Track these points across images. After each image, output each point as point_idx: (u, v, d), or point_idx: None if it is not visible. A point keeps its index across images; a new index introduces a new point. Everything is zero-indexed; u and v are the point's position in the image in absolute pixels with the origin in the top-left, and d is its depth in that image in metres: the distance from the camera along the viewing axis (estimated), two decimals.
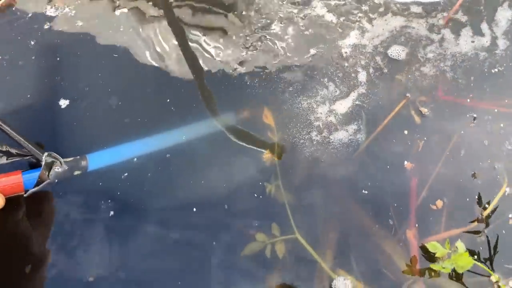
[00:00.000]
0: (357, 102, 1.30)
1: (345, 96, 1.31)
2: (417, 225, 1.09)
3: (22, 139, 1.07)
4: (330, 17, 1.46)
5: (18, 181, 1.05)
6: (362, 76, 1.33)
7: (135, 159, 1.18)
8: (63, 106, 1.29)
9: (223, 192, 1.14)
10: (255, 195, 1.14)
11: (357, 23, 1.43)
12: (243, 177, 1.16)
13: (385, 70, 1.34)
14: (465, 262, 0.98)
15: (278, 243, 1.08)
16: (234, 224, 1.11)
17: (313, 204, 1.13)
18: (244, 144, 1.22)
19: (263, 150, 1.21)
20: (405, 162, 1.18)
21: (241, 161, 1.19)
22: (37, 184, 1.06)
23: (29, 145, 1.07)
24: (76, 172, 1.09)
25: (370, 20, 1.44)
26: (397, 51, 1.36)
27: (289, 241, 1.08)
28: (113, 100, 1.30)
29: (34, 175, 1.07)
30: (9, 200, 1.03)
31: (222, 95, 1.32)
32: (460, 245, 1.01)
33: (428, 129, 1.23)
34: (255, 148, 1.22)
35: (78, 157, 1.11)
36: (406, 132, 1.23)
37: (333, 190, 1.14)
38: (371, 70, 1.34)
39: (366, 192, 1.13)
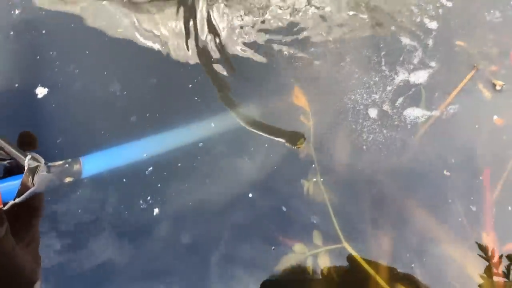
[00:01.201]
0: (412, 76, 1.07)
1: (395, 68, 1.09)
2: (495, 227, 0.90)
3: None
4: None
5: None
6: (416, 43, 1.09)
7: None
8: (41, 95, 1.06)
9: (250, 192, 0.98)
10: (290, 195, 0.98)
11: None
12: (275, 174, 1.00)
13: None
14: None
15: (321, 254, 0.92)
16: (265, 233, 0.95)
17: (361, 203, 0.97)
18: (272, 136, 1.02)
19: (295, 140, 1.01)
20: (476, 149, 0.96)
21: (271, 154, 1.01)
22: (19, 194, 0.84)
23: (8, 146, 0.85)
24: (68, 179, 0.87)
25: None
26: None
27: (335, 251, 0.92)
28: (115, 87, 1.07)
29: (14, 183, 0.85)
30: None
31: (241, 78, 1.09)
32: None
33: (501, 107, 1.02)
34: (284, 138, 1.02)
35: (70, 160, 0.88)
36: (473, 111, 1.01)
37: (385, 186, 0.98)
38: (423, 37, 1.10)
39: (425, 187, 0.96)
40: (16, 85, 1.09)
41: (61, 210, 0.96)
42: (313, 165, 0.99)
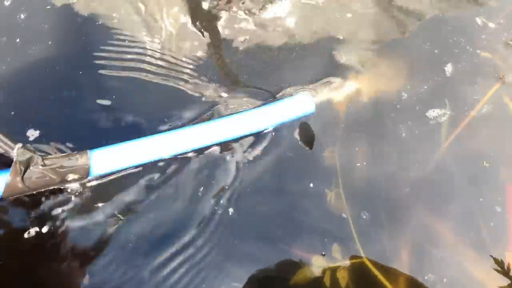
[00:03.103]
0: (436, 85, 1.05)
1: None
2: None
3: None
4: None
5: None
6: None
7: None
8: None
9: (266, 201, 0.92)
10: (311, 205, 0.92)
11: None
12: (295, 183, 0.94)
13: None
14: None
15: (341, 269, 0.87)
16: (282, 244, 0.88)
17: (382, 216, 0.92)
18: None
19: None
20: (500, 168, 0.94)
21: (291, 160, 0.95)
22: (6, 194, 0.70)
23: None
24: (71, 176, 0.73)
25: None
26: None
27: (354, 266, 0.87)
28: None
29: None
30: None
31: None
32: None
33: None
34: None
35: (75, 153, 0.74)
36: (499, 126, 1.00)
37: (405, 198, 0.94)
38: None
39: (447, 200, 0.94)
40: None
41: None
42: (336, 173, 0.93)
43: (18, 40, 1.05)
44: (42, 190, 0.74)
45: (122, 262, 0.81)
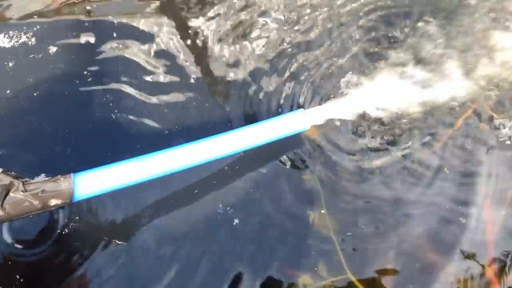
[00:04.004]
0: None
1: None
2: (496, 259, 0.91)
3: None
4: None
5: None
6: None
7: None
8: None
9: (253, 222, 0.93)
10: (294, 225, 0.93)
11: None
12: (279, 204, 0.95)
13: None
14: None
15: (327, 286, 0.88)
16: (269, 264, 0.89)
17: (366, 234, 0.93)
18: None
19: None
20: (479, 185, 0.97)
21: (275, 183, 0.97)
22: None
23: None
24: (54, 202, 0.71)
25: None
26: None
27: (340, 283, 0.88)
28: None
29: None
30: None
31: None
32: None
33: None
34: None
35: (58, 177, 0.72)
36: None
37: (390, 217, 0.95)
38: None
39: (424, 218, 0.95)
40: None
41: None
42: (319, 195, 0.95)
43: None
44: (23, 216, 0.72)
45: None
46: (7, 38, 1.10)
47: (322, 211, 0.94)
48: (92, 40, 1.11)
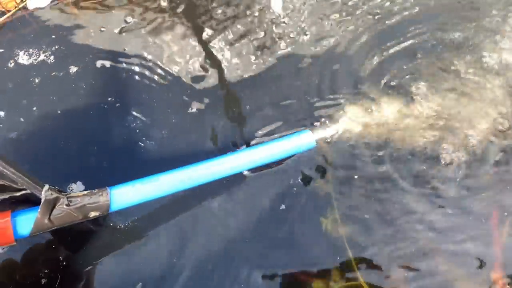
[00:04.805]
0: None
1: None
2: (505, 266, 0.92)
3: (12, 168, 0.78)
4: None
5: (4, 226, 0.76)
6: None
7: None
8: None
9: (266, 228, 0.98)
10: (307, 231, 0.98)
11: None
12: (292, 210, 1.01)
13: None
14: None
15: None
16: (282, 270, 0.94)
17: (378, 241, 0.97)
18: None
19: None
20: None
21: (288, 189, 1.03)
22: (35, 230, 0.78)
23: (21, 176, 0.79)
24: (93, 214, 0.81)
25: None
26: None
27: None
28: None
29: (29, 216, 0.78)
30: None
31: None
32: None
33: None
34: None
35: (96, 191, 0.83)
36: None
37: (401, 222, 0.99)
38: None
39: (437, 223, 0.98)
40: None
41: None
42: (331, 201, 1.01)
43: None
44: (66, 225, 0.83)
45: None
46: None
47: (335, 217, 0.99)
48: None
